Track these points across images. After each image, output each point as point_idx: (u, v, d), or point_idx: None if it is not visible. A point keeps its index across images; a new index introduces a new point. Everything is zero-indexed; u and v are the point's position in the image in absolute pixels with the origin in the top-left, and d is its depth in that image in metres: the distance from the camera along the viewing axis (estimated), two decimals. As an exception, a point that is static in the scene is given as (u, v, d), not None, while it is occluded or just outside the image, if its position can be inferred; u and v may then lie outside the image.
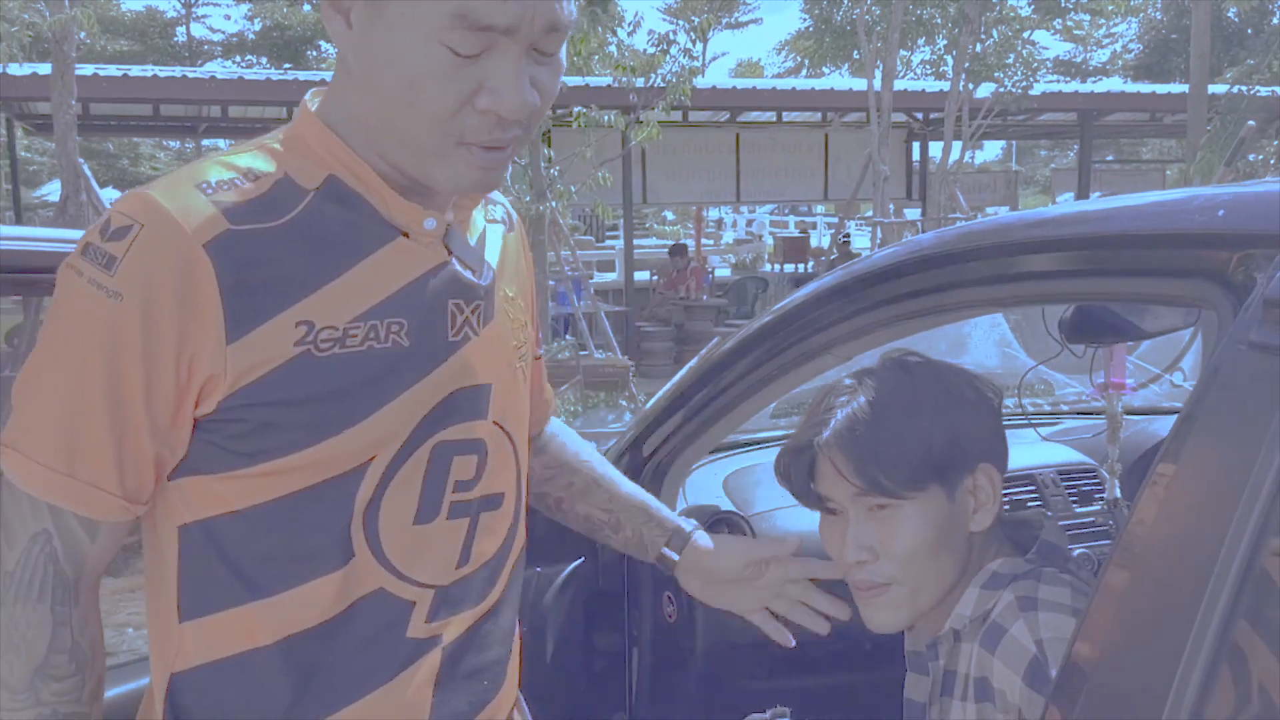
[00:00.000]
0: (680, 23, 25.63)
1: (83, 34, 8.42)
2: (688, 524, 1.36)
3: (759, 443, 2.32)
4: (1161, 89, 14.44)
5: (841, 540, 1.21)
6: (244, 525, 0.91)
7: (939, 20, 14.34)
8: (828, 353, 1.50)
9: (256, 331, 0.87)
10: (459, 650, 1.01)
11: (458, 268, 0.97)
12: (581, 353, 8.30)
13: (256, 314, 0.87)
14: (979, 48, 12.33)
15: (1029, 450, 2.07)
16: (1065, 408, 2.64)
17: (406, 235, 0.94)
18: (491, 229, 1.08)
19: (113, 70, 10.96)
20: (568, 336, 8.90)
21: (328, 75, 1.03)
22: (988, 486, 1.20)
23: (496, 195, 1.12)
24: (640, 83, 8.85)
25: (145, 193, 0.88)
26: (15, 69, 9.88)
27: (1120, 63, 28.43)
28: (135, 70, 11.65)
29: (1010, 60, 12.25)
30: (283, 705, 0.94)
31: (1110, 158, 25.25)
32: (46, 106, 9.28)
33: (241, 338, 0.86)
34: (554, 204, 8.56)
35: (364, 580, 0.94)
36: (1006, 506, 1.32)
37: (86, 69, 9.51)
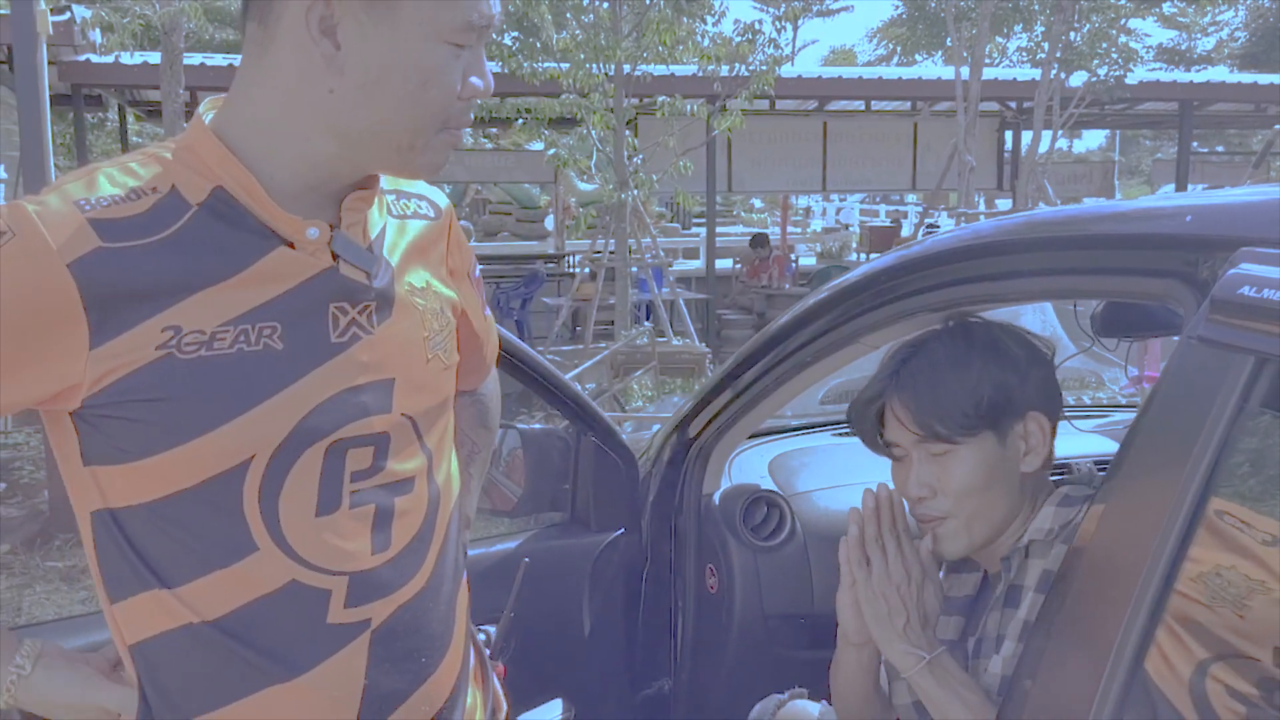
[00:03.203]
0: (769, 9, 25.46)
1: (191, 24, 8.77)
2: None
3: (805, 428, 2.41)
4: (1264, 79, 13.90)
5: (906, 480, 1.37)
6: (144, 518, 0.97)
7: (1036, 6, 14.05)
8: (858, 342, 1.60)
9: (122, 336, 0.92)
10: (391, 632, 1.04)
11: (344, 272, 1.01)
12: (659, 339, 8.41)
13: (124, 321, 0.92)
14: (1075, 36, 12.07)
15: (1068, 441, 2.13)
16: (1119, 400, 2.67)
17: (292, 245, 0.98)
18: (399, 225, 1.11)
19: (219, 60, 11.36)
20: (646, 323, 9.01)
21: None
22: (1038, 433, 1.34)
23: (423, 187, 1.18)
24: (725, 71, 8.91)
25: (23, 204, 0.92)
26: (127, 58, 10.33)
27: (1226, 51, 27.41)
28: (240, 60, 12.01)
29: (1104, 48, 11.95)
30: (218, 682, 1.00)
31: (1221, 149, 24.40)
32: (157, 94, 9.67)
33: (106, 343, 0.91)
34: (635, 192, 8.67)
35: (274, 572, 0.98)
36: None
37: (194, 58, 9.89)
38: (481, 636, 1.35)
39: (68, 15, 8.35)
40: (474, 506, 1.34)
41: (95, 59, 10.18)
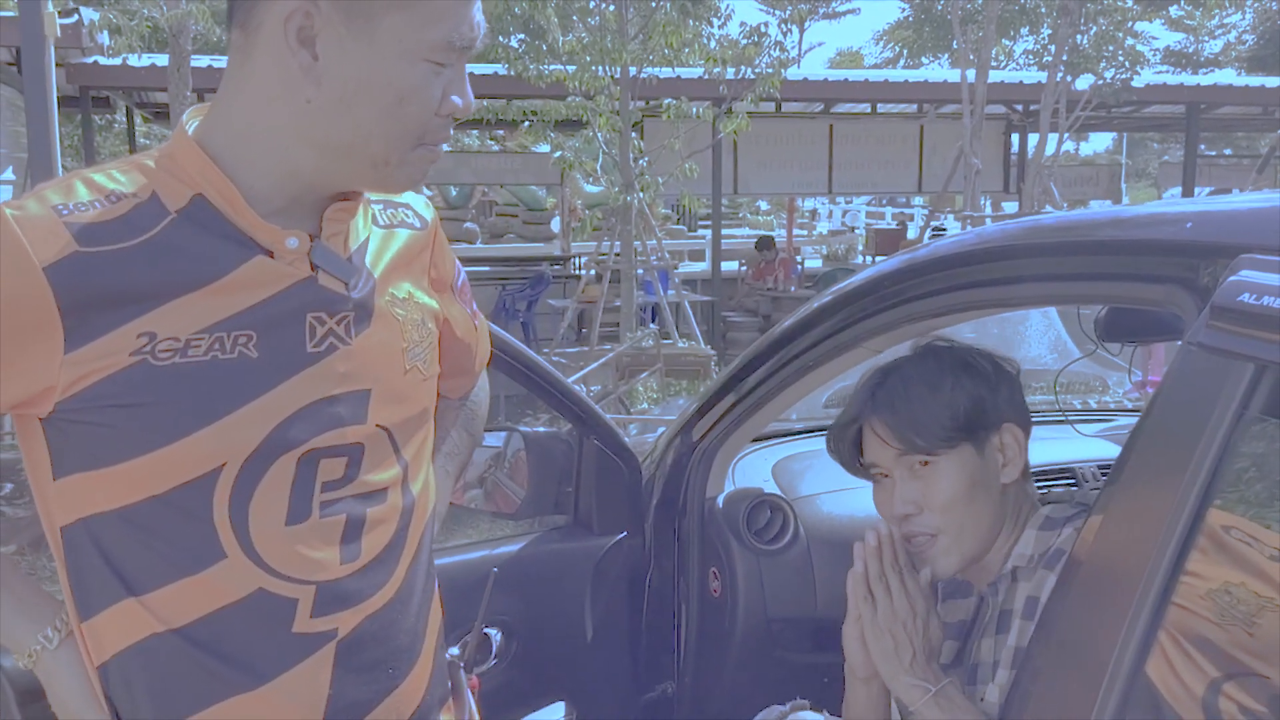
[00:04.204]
0: (775, 12, 25.46)
1: (198, 27, 8.79)
2: None
3: (809, 431, 2.41)
4: (1272, 82, 13.83)
5: (890, 499, 1.39)
6: (113, 524, 0.97)
7: (1044, 9, 14.05)
8: (862, 346, 1.61)
9: (97, 342, 0.92)
10: (357, 642, 1.04)
11: (322, 282, 1.00)
12: (664, 341, 8.41)
13: (99, 327, 0.92)
14: (1082, 39, 12.06)
15: (1072, 445, 2.13)
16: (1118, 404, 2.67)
17: (271, 255, 0.98)
18: (384, 234, 1.11)
19: (226, 62, 11.41)
20: (652, 325, 9.01)
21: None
22: (1013, 443, 1.38)
23: (409, 196, 1.17)
24: (731, 74, 8.91)
25: (1, 209, 0.92)
26: (134, 60, 10.34)
27: (1234, 54, 27.34)
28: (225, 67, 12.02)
29: (1111, 51, 11.93)
30: (183, 692, 1.00)
31: (1228, 152, 24.35)
32: (164, 96, 9.72)
33: (80, 348, 0.91)
34: (641, 194, 8.68)
35: (241, 580, 0.98)
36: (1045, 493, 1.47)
37: (201, 61, 9.90)
38: (455, 650, 1.34)
39: (75, 18, 8.38)
40: (445, 504, 1.33)
41: (103, 61, 10.21)
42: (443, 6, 0.96)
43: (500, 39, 12.39)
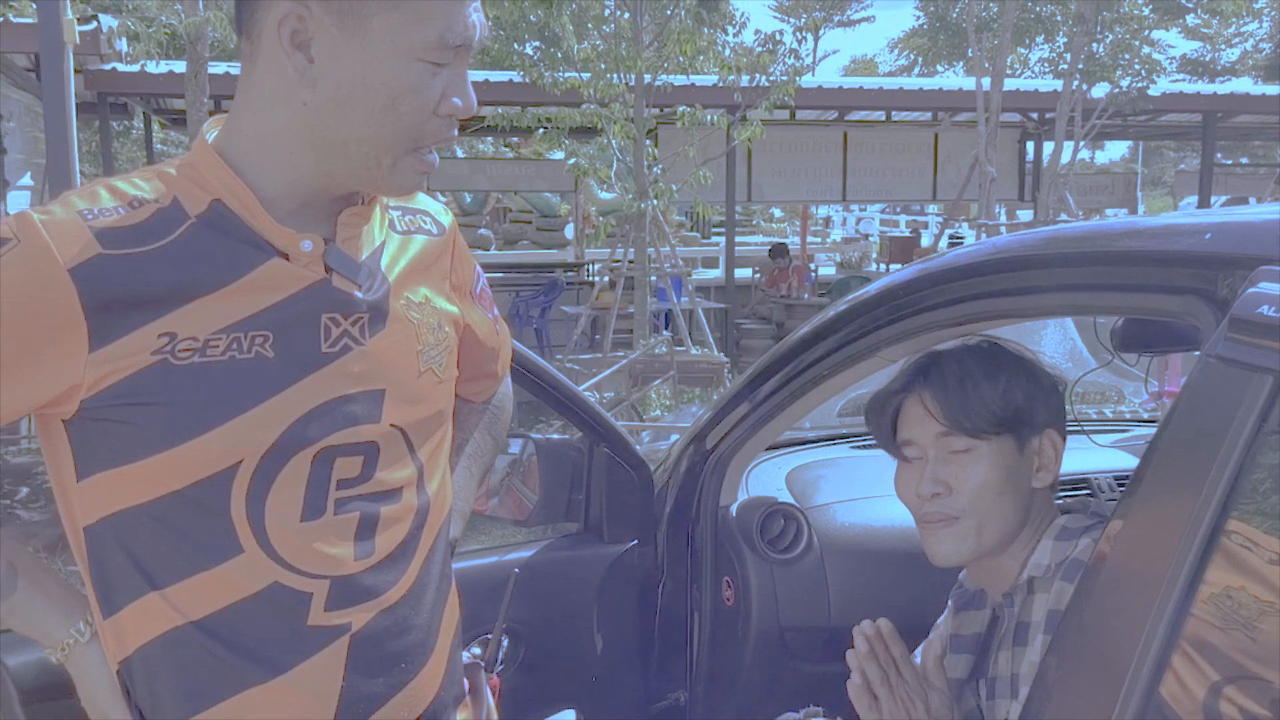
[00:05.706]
0: (790, 20, 25.51)
1: (215, 34, 8.85)
2: None
3: (823, 440, 2.41)
4: (1289, 91, 13.81)
5: (918, 480, 1.38)
6: (135, 520, 0.99)
7: (1059, 17, 14.02)
8: (877, 355, 1.60)
9: (119, 341, 0.95)
10: (370, 637, 1.06)
11: (336, 284, 1.03)
12: (678, 349, 8.40)
13: (121, 327, 0.95)
14: (1098, 48, 12.02)
15: (1088, 455, 2.12)
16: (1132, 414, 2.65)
17: (287, 257, 1.01)
18: (401, 240, 1.13)
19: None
20: (665, 332, 9.01)
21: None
22: (1050, 450, 1.37)
23: (427, 204, 1.20)
24: (745, 81, 8.91)
25: (30, 213, 0.96)
26: (152, 67, 10.40)
27: (1250, 62, 27.22)
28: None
29: (1127, 59, 11.90)
30: (201, 684, 1.02)
31: (1245, 160, 24.23)
32: (182, 102, 9.77)
33: (104, 347, 0.94)
34: (655, 201, 8.68)
35: (257, 574, 1.01)
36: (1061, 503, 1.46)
37: (219, 67, 9.95)
38: (477, 650, 1.34)
39: (94, 25, 8.43)
40: (470, 505, 1.34)
41: (121, 68, 10.27)
42: (434, 5, 0.98)
43: (515, 46, 12.43)
